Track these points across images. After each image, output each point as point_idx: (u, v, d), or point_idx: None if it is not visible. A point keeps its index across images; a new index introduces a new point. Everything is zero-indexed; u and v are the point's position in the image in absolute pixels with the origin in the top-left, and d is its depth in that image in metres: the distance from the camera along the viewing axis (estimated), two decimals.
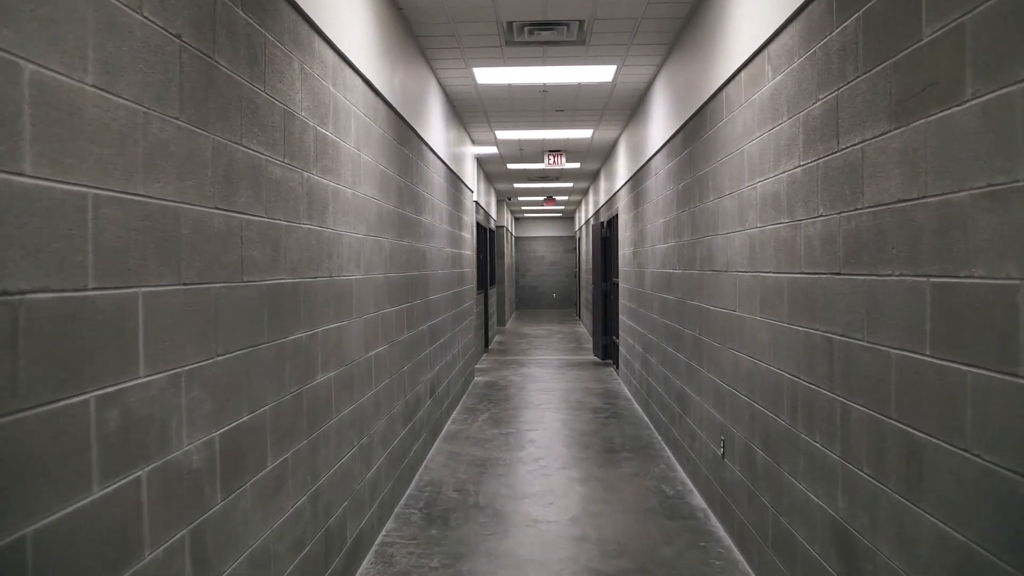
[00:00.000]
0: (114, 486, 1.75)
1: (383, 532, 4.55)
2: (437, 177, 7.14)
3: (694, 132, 5.34)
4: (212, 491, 2.26)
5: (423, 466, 6.03)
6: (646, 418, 7.83)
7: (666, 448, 6.55)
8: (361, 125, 4.13)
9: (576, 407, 8.54)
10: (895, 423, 2.36)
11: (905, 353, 2.29)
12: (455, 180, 8.62)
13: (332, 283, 3.54)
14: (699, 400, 5.25)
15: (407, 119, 5.50)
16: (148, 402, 1.90)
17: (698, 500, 5.14)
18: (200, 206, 2.20)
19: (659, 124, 6.85)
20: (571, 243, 27.17)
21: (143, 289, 1.89)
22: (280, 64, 2.86)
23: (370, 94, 4.36)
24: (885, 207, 2.42)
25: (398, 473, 5.05)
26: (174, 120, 2.05)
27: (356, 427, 3.96)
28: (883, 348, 2.44)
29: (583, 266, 20.20)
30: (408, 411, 5.46)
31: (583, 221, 19.44)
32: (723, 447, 4.55)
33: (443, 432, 7.23)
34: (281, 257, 2.86)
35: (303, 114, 3.14)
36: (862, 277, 2.59)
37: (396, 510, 4.95)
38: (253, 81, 2.60)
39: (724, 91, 4.47)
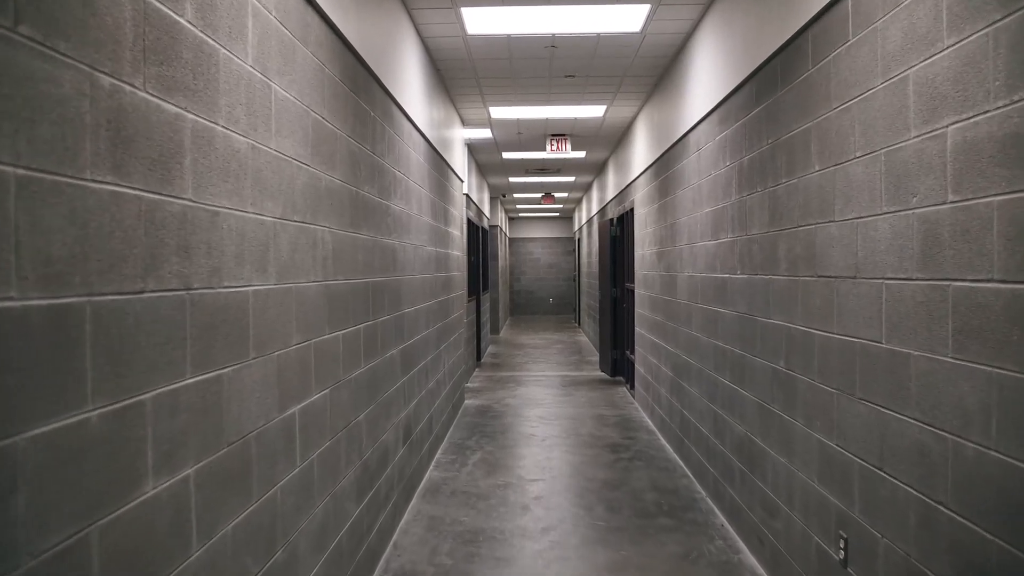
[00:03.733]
0: None
1: None
2: (416, 155, 5.50)
3: (777, 77, 3.73)
4: None
5: (392, 543, 4.39)
6: (680, 462, 6.20)
7: (717, 511, 4.93)
8: (273, 35, 2.51)
9: (589, 443, 6.90)
10: None
11: None
12: (441, 164, 6.98)
13: (188, 302, 1.91)
14: (785, 463, 3.64)
15: (367, 62, 3.87)
16: None
17: None
18: None
19: (706, 82, 5.23)
20: (570, 244, 25.50)
21: None
22: None
23: None
24: None
25: (349, 574, 3.42)
26: None
27: (259, 544, 2.33)
28: None
29: (584, 269, 18.59)
30: (368, 475, 3.82)
31: (584, 220, 17.81)
32: (845, 548, 2.94)
33: (423, 483, 5.58)
34: (3, 254, 1.24)
35: None
36: None
37: None
38: None
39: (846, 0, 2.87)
